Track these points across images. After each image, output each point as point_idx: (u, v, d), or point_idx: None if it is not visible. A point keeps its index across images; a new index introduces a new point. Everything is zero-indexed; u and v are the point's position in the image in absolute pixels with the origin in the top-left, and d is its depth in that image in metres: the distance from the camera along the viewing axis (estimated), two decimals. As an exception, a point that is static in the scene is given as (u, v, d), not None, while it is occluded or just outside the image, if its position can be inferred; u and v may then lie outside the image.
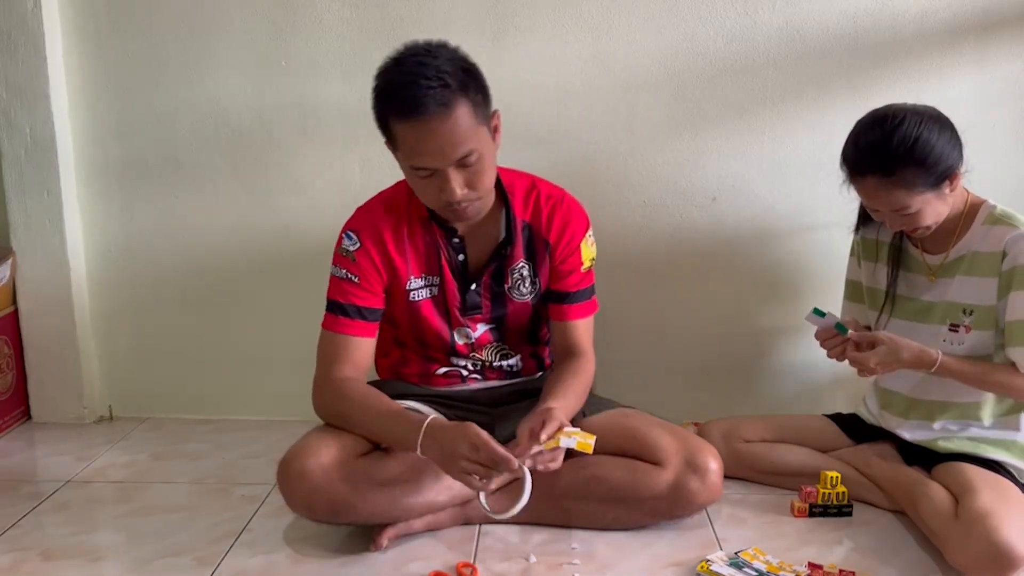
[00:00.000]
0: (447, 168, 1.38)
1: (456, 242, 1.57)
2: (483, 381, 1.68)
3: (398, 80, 1.36)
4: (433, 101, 1.33)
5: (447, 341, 1.62)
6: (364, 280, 1.54)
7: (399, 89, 1.35)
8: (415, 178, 1.43)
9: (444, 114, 1.34)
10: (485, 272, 1.59)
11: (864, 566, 1.43)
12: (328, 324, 1.57)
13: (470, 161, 1.39)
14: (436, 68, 1.34)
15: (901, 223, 1.51)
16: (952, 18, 1.91)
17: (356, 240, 1.54)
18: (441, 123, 1.34)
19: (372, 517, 1.46)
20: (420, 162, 1.39)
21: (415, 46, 1.39)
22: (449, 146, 1.36)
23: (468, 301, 1.60)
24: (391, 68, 1.39)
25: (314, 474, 1.41)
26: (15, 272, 2.09)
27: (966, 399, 1.56)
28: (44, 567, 1.45)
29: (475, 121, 1.38)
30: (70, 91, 2.04)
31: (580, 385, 1.56)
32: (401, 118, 1.36)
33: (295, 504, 1.45)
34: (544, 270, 1.61)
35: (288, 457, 1.46)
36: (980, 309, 1.52)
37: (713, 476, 1.50)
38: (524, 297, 1.62)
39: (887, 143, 1.44)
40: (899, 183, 1.44)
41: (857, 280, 1.74)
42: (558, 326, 1.64)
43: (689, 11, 1.94)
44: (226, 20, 1.99)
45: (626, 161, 2.02)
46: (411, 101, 1.34)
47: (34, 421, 2.17)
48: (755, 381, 2.12)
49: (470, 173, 1.41)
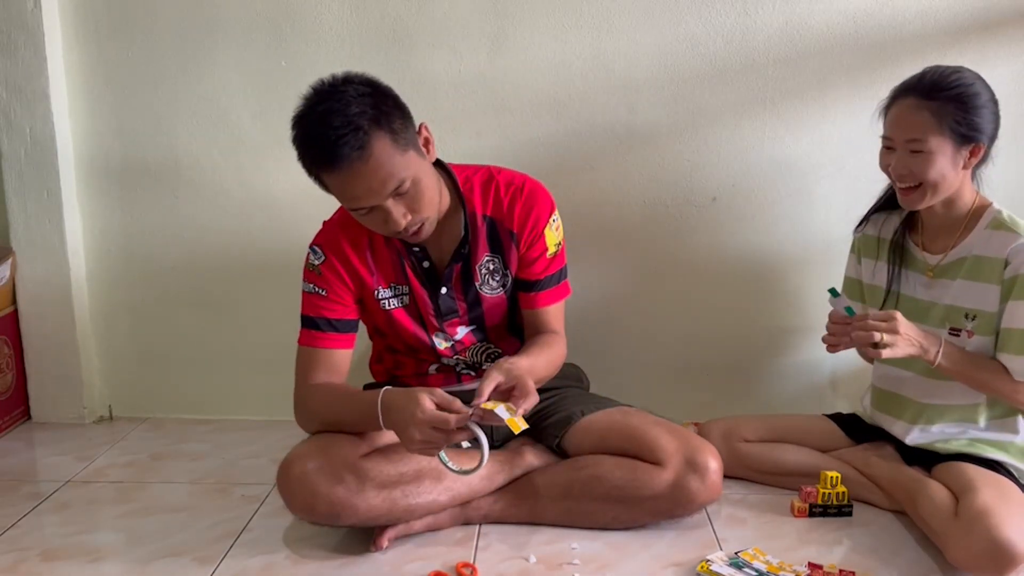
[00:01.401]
0: (383, 203, 1.39)
1: (417, 251, 1.56)
2: (479, 379, 1.68)
3: (311, 133, 1.36)
4: (348, 148, 1.32)
5: (429, 346, 1.63)
6: (332, 292, 1.55)
7: (313, 142, 1.36)
8: (357, 216, 1.45)
9: (362, 158, 1.34)
10: (452, 274, 1.58)
11: (864, 566, 1.43)
12: (302, 339, 1.57)
13: (404, 189, 1.39)
14: (343, 114, 1.33)
15: (907, 164, 1.48)
16: (952, 18, 1.91)
17: (321, 254, 1.56)
18: (362, 166, 1.34)
19: (373, 519, 1.46)
20: (355, 204, 1.41)
21: (321, 89, 1.38)
22: (378, 184, 1.36)
23: (442, 306, 1.60)
24: (303, 118, 1.38)
25: (314, 477, 1.41)
26: (15, 272, 2.09)
27: (963, 401, 1.56)
28: (44, 567, 1.45)
29: (398, 150, 1.37)
30: (70, 91, 2.04)
31: (549, 353, 1.56)
32: (323, 169, 1.37)
33: (295, 507, 1.45)
34: (512, 259, 1.60)
35: (288, 460, 1.46)
36: (983, 314, 1.51)
37: (713, 476, 1.50)
38: (496, 291, 1.62)
39: (944, 76, 1.47)
40: (932, 110, 1.45)
41: (856, 278, 1.73)
42: (528, 314, 1.64)
43: (689, 11, 1.94)
44: (226, 20, 1.99)
45: (626, 161, 2.02)
46: (327, 153, 1.34)
47: (34, 421, 2.17)
48: (755, 381, 2.12)
49: (408, 199, 1.41)
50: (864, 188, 1.75)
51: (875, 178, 1.62)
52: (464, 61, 1.97)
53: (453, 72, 1.98)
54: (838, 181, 2.00)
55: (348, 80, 1.39)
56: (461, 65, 1.98)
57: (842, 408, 1.84)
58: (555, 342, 1.60)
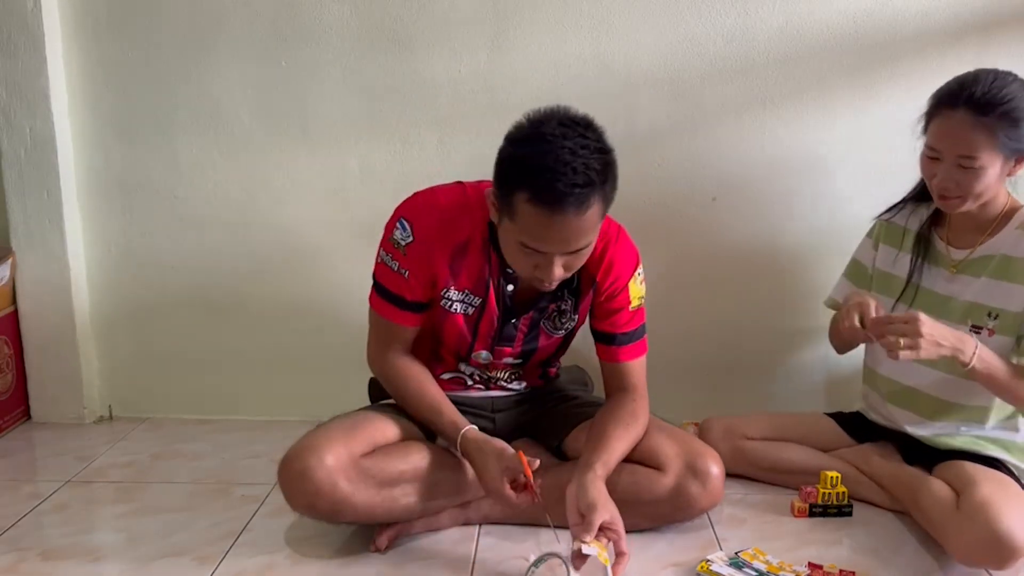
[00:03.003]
0: (554, 257, 1.34)
1: (510, 272, 1.50)
2: (485, 391, 1.68)
3: (543, 163, 1.27)
4: (575, 200, 1.27)
5: (465, 354, 1.61)
6: (412, 276, 1.49)
7: (542, 173, 1.27)
8: (515, 248, 1.37)
9: (579, 213, 1.29)
10: (532, 308, 1.55)
11: (864, 566, 1.43)
12: (378, 307, 1.55)
13: (580, 248, 1.36)
14: (585, 162, 1.27)
15: (954, 178, 1.46)
16: (952, 18, 1.91)
17: (410, 233, 1.47)
18: (573, 220, 1.29)
19: (373, 517, 1.47)
20: (534, 246, 1.34)
21: (566, 120, 1.32)
22: (573, 240, 1.32)
23: (504, 332, 1.57)
24: (536, 141, 1.30)
25: (315, 473, 1.41)
26: (15, 272, 2.09)
27: (977, 402, 1.55)
28: (44, 567, 1.45)
29: (602, 215, 1.35)
30: (70, 91, 2.04)
31: (631, 436, 1.50)
32: (532, 202, 1.29)
33: (296, 503, 1.45)
34: (585, 305, 1.58)
35: (289, 456, 1.45)
36: (1006, 314, 1.50)
37: (714, 481, 1.50)
38: (558, 332, 1.61)
39: (996, 87, 1.42)
40: (985, 127, 1.41)
41: (864, 263, 1.72)
42: (610, 368, 1.60)
43: (689, 11, 1.94)
44: (226, 20, 1.99)
45: (626, 161, 2.00)
46: (552, 192, 1.26)
47: (34, 421, 2.17)
48: (755, 381, 2.12)
49: (574, 258, 1.37)
50: (864, 187, 1.76)
51: (875, 178, 1.63)
52: (464, 61, 1.97)
53: (453, 72, 1.98)
54: (838, 181, 1.99)
55: (588, 125, 1.34)
56: (461, 65, 1.97)
57: (843, 407, 1.84)
58: (640, 413, 1.54)
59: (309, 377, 2.14)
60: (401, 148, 2.03)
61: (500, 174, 1.35)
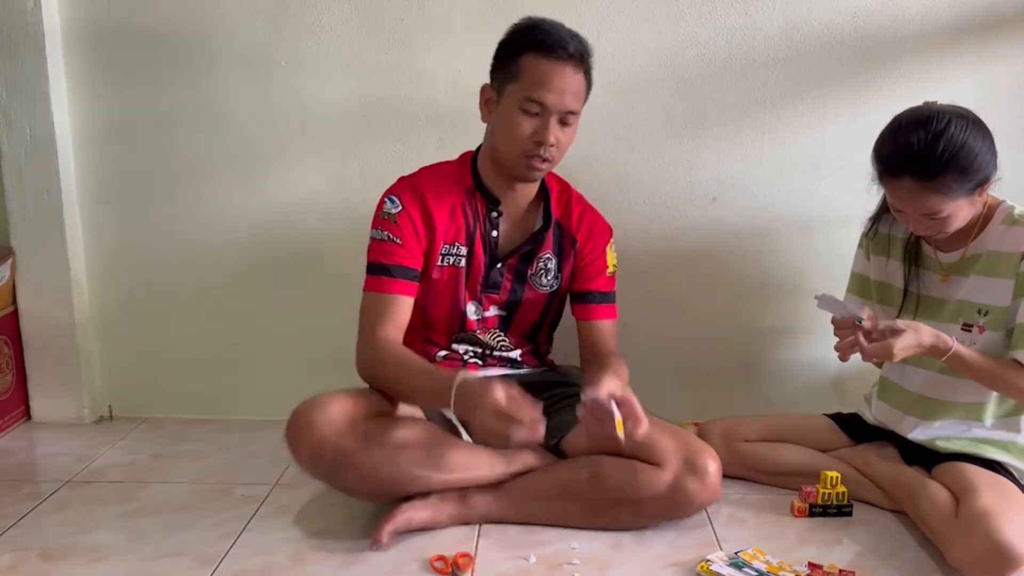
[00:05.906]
0: (551, 116, 1.51)
1: (495, 216, 1.64)
2: (483, 368, 1.68)
3: (544, 26, 1.53)
4: (575, 48, 1.51)
5: (460, 312, 1.65)
6: (405, 242, 1.59)
7: (547, 34, 1.51)
8: (517, 115, 1.52)
9: (576, 67, 1.52)
10: (515, 254, 1.66)
11: (864, 566, 1.43)
12: (371, 286, 1.59)
13: (570, 120, 1.54)
14: (577, 36, 1.53)
15: (927, 227, 1.48)
16: (952, 18, 1.91)
17: (398, 203, 1.61)
18: (572, 72, 1.51)
19: (373, 481, 1.47)
20: (539, 96, 1.50)
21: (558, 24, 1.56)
22: (569, 95, 1.51)
23: (490, 278, 1.65)
24: (537, 24, 1.54)
25: (323, 426, 1.44)
26: (15, 272, 2.09)
27: (971, 399, 1.56)
28: (44, 567, 1.45)
29: (585, 91, 1.56)
30: (70, 91, 2.04)
31: (624, 373, 1.58)
32: (539, 52, 1.50)
33: (301, 454, 1.46)
34: (568, 267, 1.70)
35: (299, 409, 1.48)
36: (995, 310, 1.51)
37: (712, 477, 1.50)
38: (543, 288, 1.69)
39: (932, 147, 1.38)
40: (937, 188, 1.40)
41: (864, 274, 1.72)
42: (586, 326, 1.70)
43: (689, 11, 1.94)
44: (226, 20, 1.99)
45: (626, 161, 2.02)
46: (557, 41, 1.50)
47: (34, 421, 2.17)
48: (755, 381, 2.12)
49: (563, 132, 1.54)
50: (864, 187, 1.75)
51: (875, 178, 1.62)
52: (464, 61, 1.97)
53: (453, 72, 1.98)
54: (838, 181, 2.00)
55: None
56: (461, 65, 1.97)
57: (842, 408, 1.84)
58: (623, 367, 1.60)
59: (309, 377, 2.12)
60: (401, 148, 2.03)
61: (503, 51, 1.56)
